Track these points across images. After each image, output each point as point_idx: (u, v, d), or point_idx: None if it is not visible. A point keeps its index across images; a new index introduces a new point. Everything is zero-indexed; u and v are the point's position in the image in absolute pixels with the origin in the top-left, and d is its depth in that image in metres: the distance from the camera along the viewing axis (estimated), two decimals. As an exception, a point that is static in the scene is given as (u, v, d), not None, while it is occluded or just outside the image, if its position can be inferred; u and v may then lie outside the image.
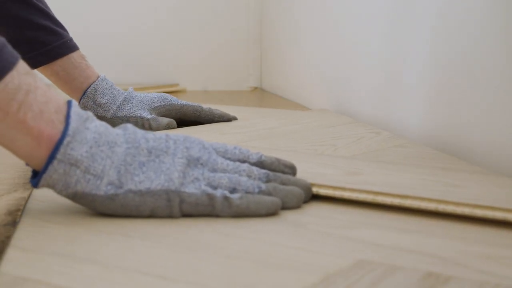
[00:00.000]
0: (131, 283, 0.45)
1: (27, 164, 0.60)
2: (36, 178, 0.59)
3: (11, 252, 0.51)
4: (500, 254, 0.52)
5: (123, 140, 0.60)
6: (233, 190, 0.61)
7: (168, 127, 1.10)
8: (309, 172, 0.71)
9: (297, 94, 1.76)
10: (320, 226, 0.58)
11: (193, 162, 0.62)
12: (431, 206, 0.61)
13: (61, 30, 1.10)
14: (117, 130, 0.61)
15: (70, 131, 0.57)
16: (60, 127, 0.57)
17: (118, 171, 0.59)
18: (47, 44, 1.08)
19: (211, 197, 0.59)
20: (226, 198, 0.60)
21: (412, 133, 1.05)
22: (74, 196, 0.59)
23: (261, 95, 2.05)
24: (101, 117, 1.09)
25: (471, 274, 0.47)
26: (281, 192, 0.62)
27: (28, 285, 0.45)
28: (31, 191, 0.70)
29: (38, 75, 0.95)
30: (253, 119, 1.22)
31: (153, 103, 1.11)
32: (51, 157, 0.57)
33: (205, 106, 1.17)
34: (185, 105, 1.14)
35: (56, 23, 1.10)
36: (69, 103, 0.59)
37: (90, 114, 0.60)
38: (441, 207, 0.60)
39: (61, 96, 0.60)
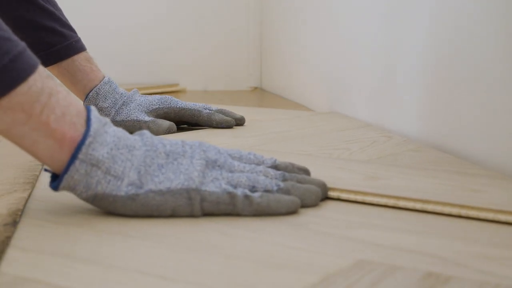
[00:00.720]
0: (131, 283, 0.45)
1: (46, 169, 0.60)
2: (56, 181, 0.59)
3: (11, 252, 0.51)
4: (500, 254, 0.52)
5: (142, 144, 0.61)
6: (252, 189, 0.61)
7: (169, 131, 1.08)
8: (327, 176, 0.71)
9: (297, 94, 1.76)
10: (320, 226, 0.58)
11: (211, 163, 0.62)
12: (454, 211, 0.61)
13: (68, 31, 1.09)
14: (135, 136, 0.62)
15: (92, 132, 0.57)
16: (82, 129, 0.58)
17: (138, 171, 0.59)
18: (51, 46, 1.07)
19: (232, 195, 0.60)
20: (246, 196, 0.60)
21: (412, 133, 1.05)
22: (94, 198, 0.59)
23: (261, 95, 2.05)
24: None
25: (471, 274, 0.47)
26: (299, 190, 0.63)
27: (28, 285, 0.45)
28: (31, 191, 0.70)
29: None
30: (263, 121, 1.22)
31: (152, 106, 1.10)
32: (73, 157, 0.57)
33: (215, 107, 1.16)
34: (184, 108, 1.12)
35: (63, 24, 1.09)
36: (88, 108, 0.60)
37: (107, 119, 0.61)
38: (464, 212, 0.61)
39: (80, 101, 0.61)
